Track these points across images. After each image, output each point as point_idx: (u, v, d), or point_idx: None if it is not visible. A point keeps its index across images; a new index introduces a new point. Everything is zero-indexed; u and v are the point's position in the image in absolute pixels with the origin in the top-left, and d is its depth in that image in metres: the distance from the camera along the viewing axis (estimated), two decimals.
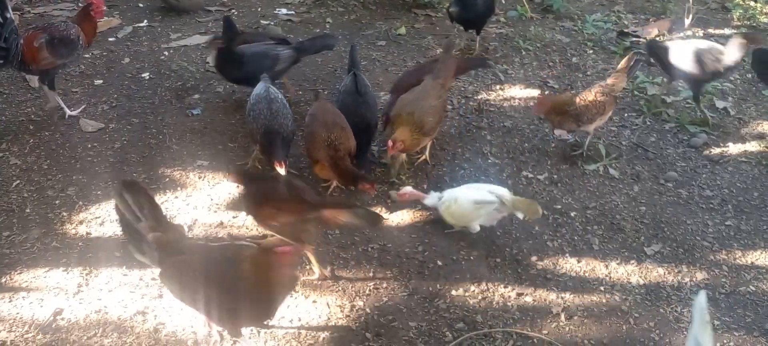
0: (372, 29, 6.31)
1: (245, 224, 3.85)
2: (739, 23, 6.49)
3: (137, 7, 6.55)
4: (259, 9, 6.62)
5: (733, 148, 4.68)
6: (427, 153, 4.41)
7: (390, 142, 3.92)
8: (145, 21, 6.17)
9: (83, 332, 3.14)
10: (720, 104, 5.16)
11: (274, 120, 3.89)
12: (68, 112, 4.73)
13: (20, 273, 3.46)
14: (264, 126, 3.89)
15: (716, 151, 4.65)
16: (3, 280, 3.42)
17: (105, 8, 4.93)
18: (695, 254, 3.74)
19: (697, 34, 6.29)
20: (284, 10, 6.54)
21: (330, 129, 3.79)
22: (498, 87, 5.39)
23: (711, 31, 6.39)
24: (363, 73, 4.62)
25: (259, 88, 4.11)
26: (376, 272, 3.54)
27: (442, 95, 4.24)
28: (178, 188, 4.10)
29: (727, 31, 6.29)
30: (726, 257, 3.73)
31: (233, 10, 6.54)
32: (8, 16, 4.27)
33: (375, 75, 5.50)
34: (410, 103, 4.08)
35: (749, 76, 5.59)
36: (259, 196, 3.37)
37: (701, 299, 2.32)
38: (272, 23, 6.31)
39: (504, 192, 3.64)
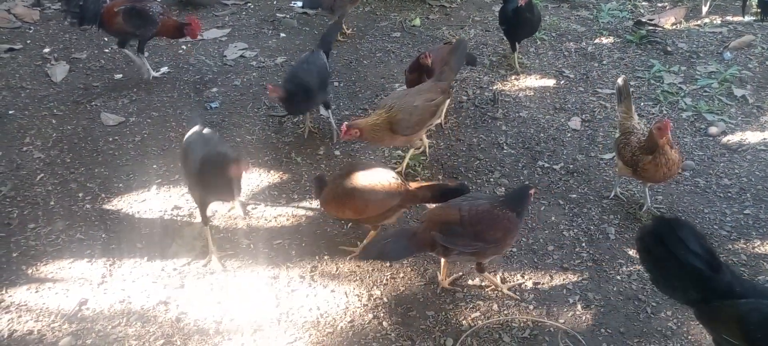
0: (387, 21, 6.32)
1: (263, 216, 3.90)
2: (757, 10, 6.40)
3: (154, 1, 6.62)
4: (275, 2, 6.66)
5: (752, 137, 4.64)
6: (424, 146, 4.35)
7: (344, 125, 3.73)
8: None
9: (108, 322, 3.22)
10: (738, 92, 5.11)
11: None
12: (152, 73, 5.22)
13: (46, 264, 3.54)
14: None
15: (734, 139, 4.61)
16: (29, 271, 3.50)
17: (200, 35, 5.13)
18: (713, 242, 3.72)
19: (714, 23, 6.22)
20: (299, 3, 6.57)
21: (384, 179, 3.38)
22: (513, 77, 5.39)
23: (729, 19, 6.32)
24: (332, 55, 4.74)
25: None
26: (393, 262, 3.57)
27: (434, 99, 3.99)
28: None
29: (746, 18, 6.21)
30: (744, 246, 3.71)
31: (250, 4, 6.58)
32: None
33: (390, 66, 5.52)
34: (396, 97, 3.96)
35: None
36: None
37: None
38: (288, 16, 6.36)
39: None
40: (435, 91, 4.05)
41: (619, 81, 3.98)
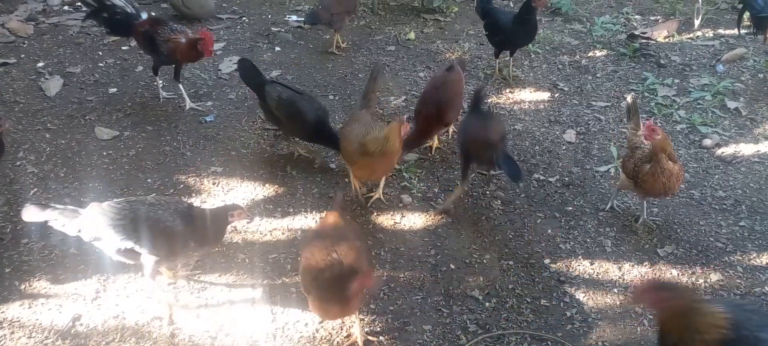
0: (381, 35, 6.35)
1: (259, 230, 3.88)
2: (749, 24, 6.45)
3: (149, 16, 6.61)
4: (269, 16, 6.67)
5: (746, 149, 4.66)
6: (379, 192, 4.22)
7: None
8: None
9: (102, 338, 3.18)
10: (731, 105, 5.15)
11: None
12: (163, 94, 5.19)
13: (39, 280, 3.51)
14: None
15: (728, 151, 4.63)
16: (22, 287, 3.46)
17: (213, 49, 4.90)
18: (709, 255, 3.73)
19: (706, 36, 6.28)
20: (294, 17, 6.60)
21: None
22: (508, 90, 5.41)
23: (721, 31, 6.37)
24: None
25: None
26: (390, 276, 3.56)
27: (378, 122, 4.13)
28: (193, 194, 4.14)
29: (740, 32, 6.25)
30: (740, 258, 3.71)
31: (244, 18, 6.60)
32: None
33: (384, 80, 5.52)
34: (359, 134, 3.84)
35: (761, 76, 5.57)
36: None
37: None
38: (283, 30, 6.37)
39: None
40: (375, 118, 4.22)
41: (628, 99, 4.00)
